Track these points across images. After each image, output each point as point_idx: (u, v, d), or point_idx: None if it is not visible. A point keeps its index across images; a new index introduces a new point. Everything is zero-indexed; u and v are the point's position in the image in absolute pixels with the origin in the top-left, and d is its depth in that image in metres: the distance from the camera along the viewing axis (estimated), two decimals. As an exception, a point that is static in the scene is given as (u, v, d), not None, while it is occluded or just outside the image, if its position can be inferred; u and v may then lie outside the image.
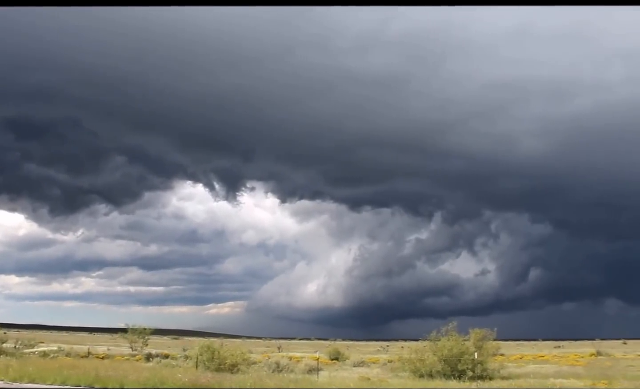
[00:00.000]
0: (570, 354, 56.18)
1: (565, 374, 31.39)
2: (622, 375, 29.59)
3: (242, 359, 32.39)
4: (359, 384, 24.42)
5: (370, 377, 29.58)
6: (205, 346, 32.75)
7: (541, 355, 55.34)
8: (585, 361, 44.63)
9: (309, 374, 31.32)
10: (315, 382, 25.54)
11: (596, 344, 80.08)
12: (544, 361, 46.01)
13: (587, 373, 31.47)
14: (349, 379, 27.26)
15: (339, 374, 32.64)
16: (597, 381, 26.11)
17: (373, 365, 41.68)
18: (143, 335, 54.35)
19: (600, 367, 37.42)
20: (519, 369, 36.11)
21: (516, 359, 47.08)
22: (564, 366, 39.82)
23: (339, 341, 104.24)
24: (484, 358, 30.46)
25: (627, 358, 46.74)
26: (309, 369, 34.26)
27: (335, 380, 26.88)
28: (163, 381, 23.64)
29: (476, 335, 32.30)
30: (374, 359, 47.26)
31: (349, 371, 36.15)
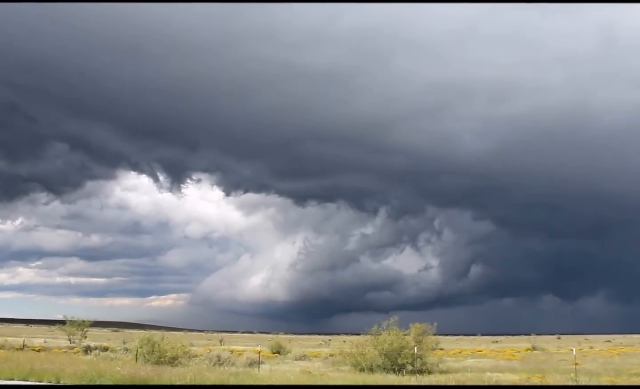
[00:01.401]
0: (507, 348, 57.52)
1: (501, 368, 32.12)
2: (555, 369, 30.50)
3: (183, 353, 32.05)
4: (299, 378, 24.46)
5: (311, 370, 29.66)
6: (145, 338, 32.27)
7: (479, 350, 56.50)
8: (521, 356, 45.79)
9: (250, 368, 31.20)
10: (256, 375, 25.46)
11: (532, 339, 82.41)
12: (482, 356, 46.97)
13: (523, 367, 32.31)
14: (290, 373, 27.28)
15: (280, 368, 32.63)
16: (531, 375, 26.80)
17: (314, 359, 41.80)
18: (82, 327, 53.32)
19: (535, 361, 38.47)
20: (457, 363, 36.80)
21: (455, 354, 47.95)
22: (501, 360, 40.75)
23: (282, 335, 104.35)
24: (424, 352, 30.92)
25: (561, 353, 48.19)
26: (250, 362, 34.14)
27: (276, 373, 26.86)
28: (101, 374, 23.22)
29: (416, 330, 32.70)
30: (316, 353, 47.42)
31: (290, 365, 36.18)
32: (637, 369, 28.87)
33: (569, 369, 29.61)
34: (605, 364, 34.67)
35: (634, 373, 27.54)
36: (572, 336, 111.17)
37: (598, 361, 37.73)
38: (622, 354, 46.74)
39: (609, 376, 26.38)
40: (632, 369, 29.23)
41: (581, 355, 43.09)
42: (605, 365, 34.02)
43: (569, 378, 25.81)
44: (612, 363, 36.69)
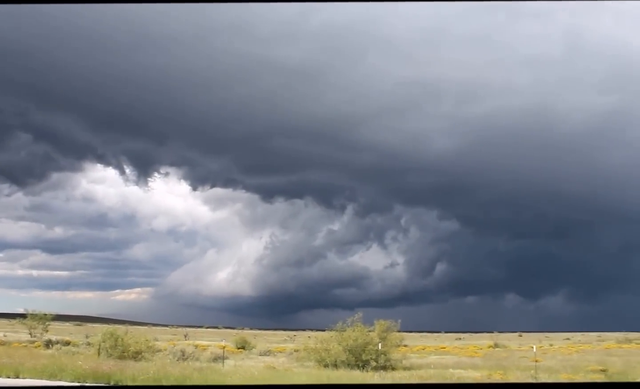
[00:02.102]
0: (470, 346, 58.27)
1: (464, 365, 32.57)
2: (515, 366, 31.06)
3: (147, 347, 31.87)
4: (264, 373, 24.51)
5: (276, 366, 29.75)
6: (108, 333, 31.99)
7: (442, 347, 57.17)
8: (483, 353, 46.49)
9: (215, 363, 31.14)
10: (220, 370, 25.44)
11: (494, 336, 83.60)
12: (445, 353, 47.59)
13: (485, 364, 32.82)
14: (254, 368, 27.31)
15: (245, 363, 32.63)
16: (493, 372, 27.23)
17: (279, 354, 41.89)
18: (43, 321, 52.43)
19: (496, 358, 39.09)
20: (420, 359, 37.21)
21: (419, 350, 48.47)
22: (464, 357, 41.33)
23: (247, 330, 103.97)
24: (388, 349, 31.19)
25: (522, 350, 49.04)
26: (214, 357, 34.08)
27: (241, 369, 26.86)
28: (62, 368, 22.96)
29: (381, 326, 32.98)
30: (281, 348, 47.50)
31: (255, 360, 36.21)
32: (593, 366, 29.54)
33: (529, 366, 30.17)
34: (564, 362, 35.40)
35: (591, 370, 28.19)
36: (534, 333, 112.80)
37: (557, 359, 38.50)
38: (580, 352, 47.72)
39: (567, 373, 26.96)
40: (588, 366, 29.90)
41: (541, 352, 43.90)
42: (563, 362, 34.74)
43: (529, 375, 26.31)
44: (571, 360, 37.48)
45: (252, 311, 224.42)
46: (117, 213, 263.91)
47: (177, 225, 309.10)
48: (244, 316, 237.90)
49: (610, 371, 27.52)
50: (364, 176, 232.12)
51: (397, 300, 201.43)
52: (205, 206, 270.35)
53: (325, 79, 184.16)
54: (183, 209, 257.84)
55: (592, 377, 26.11)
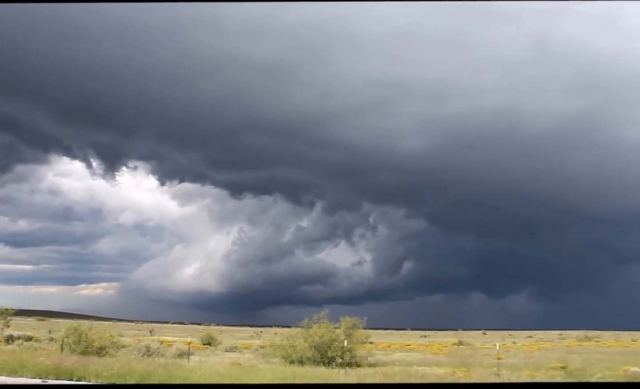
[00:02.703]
0: (435, 343, 58.85)
1: (428, 362, 32.94)
2: (479, 363, 31.48)
3: (111, 343, 31.60)
4: (229, 369, 24.47)
5: (242, 362, 29.72)
6: (72, 328, 31.63)
7: (408, 344, 57.62)
8: (447, 350, 47.03)
9: (180, 359, 31.02)
10: (185, 367, 25.34)
11: (459, 334, 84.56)
12: (410, 350, 47.98)
13: (449, 361, 33.21)
14: (219, 364, 27.25)
15: (210, 359, 32.55)
16: (456, 369, 27.55)
17: (245, 351, 41.84)
18: (4, 316, 51.52)
19: (460, 356, 39.60)
20: (386, 356, 37.51)
21: (384, 348, 48.80)
22: (429, 354, 41.76)
23: (213, 326, 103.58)
24: (353, 346, 31.38)
25: (485, 347, 49.73)
26: (180, 353, 33.93)
27: (206, 365, 26.80)
28: (23, 364, 22.64)
29: (347, 323, 33.17)
30: (247, 344, 47.42)
31: (220, 356, 36.12)
32: (554, 364, 30.08)
33: (492, 363, 30.62)
34: (526, 359, 36.02)
35: (552, 367, 28.71)
36: (497, 331, 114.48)
37: (520, 356, 39.16)
38: (542, 349, 48.61)
39: (529, 370, 27.41)
40: (550, 364, 30.43)
41: (504, 350, 44.60)
42: (526, 360, 35.34)
43: (491, 372, 26.70)
44: (533, 357, 38.15)
45: (219, 307, 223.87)
46: (84, 206, 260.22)
47: (145, 219, 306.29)
48: (211, 312, 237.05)
49: (569, 368, 28.07)
50: (333, 173, 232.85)
51: (363, 297, 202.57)
52: (173, 202, 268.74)
53: (295, 77, 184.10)
54: (151, 204, 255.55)
55: (553, 374, 26.60)
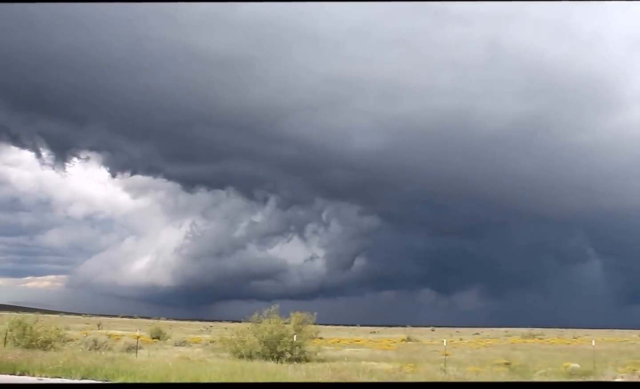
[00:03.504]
0: (384, 339, 59.54)
1: (377, 357, 33.32)
2: (426, 359, 32.03)
3: (57, 336, 31.05)
4: (177, 364, 24.31)
5: (191, 357, 29.57)
6: (16, 321, 30.93)
7: (357, 340, 58.18)
8: (396, 346, 47.66)
9: (128, 353, 30.68)
10: (133, 361, 25.06)
11: (408, 330, 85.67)
12: (359, 345, 48.44)
13: (397, 357, 33.69)
14: (168, 359, 27.07)
15: (159, 353, 32.30)
16: (404, 364, 27.94)
17: (195, 345, 41.64)
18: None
19: (408, 351, 40.19)
20: (335, 352, 37.79)
21: (334, 343, 49.16)
22: (377, 350, 42.24)
23: (163, 320, 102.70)
24: (303, 341, 31.53)
25: (433, 344, 50.56)
26: (128, 347, 33.55)
27: (154, 359, 26.57)
28: (-36, 358, 22.11)
29: (297, 319, 33.29)
30: (197, 339, 47.21)
31: (169, 351, 35.88)
32: (499, 360, 30.82)
33: (439, 359, 31.17)
34: (472, 355, 36.80)
35: (496, 364, 29.39)
36: (446, 328, 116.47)
37: (466, 352, 39.96)
38: (488, 346, 49.67)
39: (475, 366, 27.98)
40: (495, 360, 31.16)
41: (451, 346, 45.40)
42: (472, 356, 36.11)
43: (438, 368, 27.16)
44: (479, 354, 38.97)
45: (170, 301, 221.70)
46: (32, 197, 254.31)
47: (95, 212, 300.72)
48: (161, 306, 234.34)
49: (513, 364, 28.79)
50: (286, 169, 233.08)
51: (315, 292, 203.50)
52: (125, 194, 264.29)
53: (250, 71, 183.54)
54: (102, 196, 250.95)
55: (497, 370, 27.21)
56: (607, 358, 33.36)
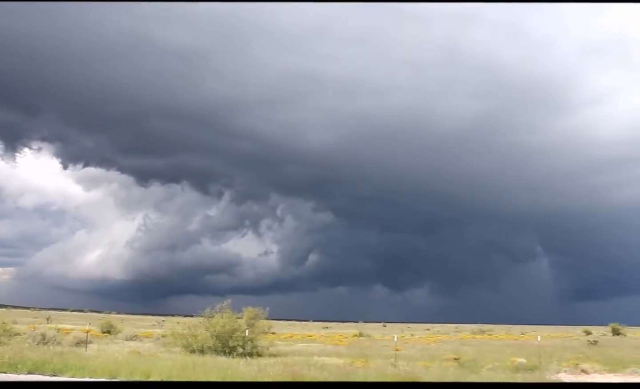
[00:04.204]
0: (336, 334, 59.91)
1: (329, 352, 33.58)
2: (377, 354, 32.41)
3: (3, 330, 30.46)
4: (127, 358, 24.09)
5: (141, 351, 29.33)
6: (-40, 314, 30.24)
7: (310, 335, 58.41)
8: (348, 341, 48.05)
9: (77, 347, 30.25)
10: (82, 355, 24.75)
11: (360, 326, 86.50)
12: (311, 341, 48.69)
13: (348, 352, 33.98)
14: (118, 353, 26.79)
15: (109, 348, 31.93)
16: (355, 359, 28.23)
17: (146, 339, 41.28)
18: None
19: (360, 347, 40.59)
20: (287, 347, 37.96)
21: (286, 338, 49.33)
22: (329, 345, 42.55)
23: (114, 314, 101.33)
24: (255, 336, 31.57)
25: (385, 339, 51.19)
26: (77, 341, 33.07)
27: (104, 353, 26.28)
28: None
29: (249, 313, 33.31)
30: (148, 333, 46.78)
31: (120, 345, 35.47)
32: (449, 355, 31.40)
33: (390, 354, 31.56)
34: (422, 351, 37.38)
35: (446, 359, 29.94)
36: (397, 324, 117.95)
37: (417, 348, 40.55)
38: (438, 342, 50.50)
39: (425, 361, 28.44)
40: (444, 355, 31.76)
41: (402, 342, 46.05)
42: (422, 351, 36.67)
43: (389, 363, 27.51)
44: (429, 349, 39.61)
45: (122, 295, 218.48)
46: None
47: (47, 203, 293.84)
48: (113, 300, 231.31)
49: (462, 360, 29.37)
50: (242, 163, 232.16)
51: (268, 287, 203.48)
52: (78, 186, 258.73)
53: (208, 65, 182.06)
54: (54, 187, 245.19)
55: (446, 365, 27.70)
56: (552, 353, 34.32)
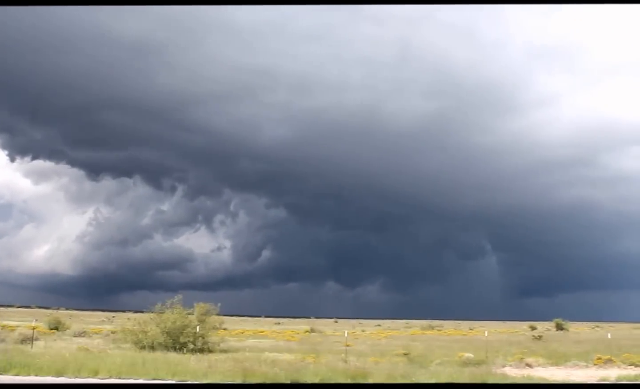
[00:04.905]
0: (287, 330, 60.09)
1: (280, 348, 33.70)
2: (328, 350, 32.67)
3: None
4: (75, 355, 23.77)
5: (90, 348, 28.92)
6: None
7: (261, 331, 58.45)
8: (299, 337, 48.26)
9: (23, 345, 29.67)
10: (28, 352, 24.31)
11: (311, 322, 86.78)
12: (263, 336, 48.75)
13: (299, 348, 34.16)
14: (65, 350, 26.39)
15: (56, 345, 31.39)
16: (306, 355, 28.41)
17: (95, 336, 40.70)
18: None
19: (311, 343, 40.83)
20: (239, 343, 37.92)
21: (238, 334, 49.22)
22: (281, 341, 42.70)
23: (63, 311, 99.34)
24: (206, 332, 31.47)
25: (336, 335, 51.54)
26: (23, 338, 32.40)
27: (51, 350, 25.87)
28: None
29: (200, 309, 33.13)
30: (97, 329, 46.14)
31: (67, 342, 34.91)
32: (398, 351, 31.85)
33: (341, 350, 31.86)
34: (373, 346, 37.85)
35: (396, 354, 30.38)
36: (349, 320, 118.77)
37: (367, 343, 41.01)
38: (389, 337, 51.16)
39: (375, 357, 28.80)
40: (394, 351, 32.20)
41: (353, 338, 46.48)
42: (372, 347, 37.12)
43: (339, 358, 27.78)
44: (379, 345, 40.09)
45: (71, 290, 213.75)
46: None
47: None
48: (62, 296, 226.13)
49: (412, 355, 29.86)
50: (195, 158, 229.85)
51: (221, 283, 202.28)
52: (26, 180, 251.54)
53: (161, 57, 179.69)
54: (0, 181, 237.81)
55: (396, 360, 28.08)
56: (499, 348, 35.18)
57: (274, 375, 20.82)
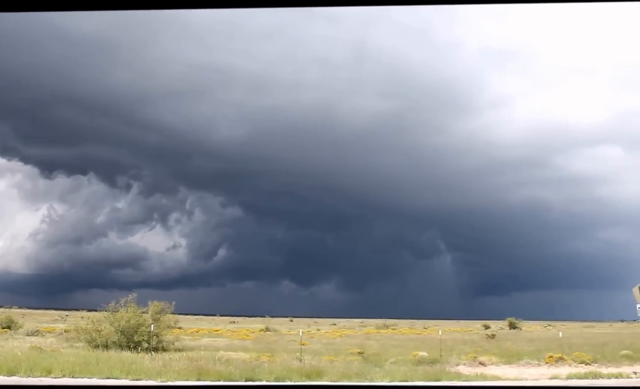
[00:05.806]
0: (242, 329, 60.06)
1: (235, 347, 33.78)
2: (283, 349, 32.90)
3: None
4: (28, 354, 23.52)
5: (43, 346, 28.57)
6: None
7: (216, 329, 58.29)
8: (254, 336, 48.34)
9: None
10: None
11: (266, 321, 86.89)
12: (218, 335, 48.69)
13: (254, 347, 34.31)
14: (18, 349, 26.05)
15: (8, 344, 30.90)
16: (261, 354, 28.60)
17: (48, 334, 40.12)
18: None
19: (266, 341, 41.00)
20: (193, 342, 37.85)
21: (192, 333, 49.03)
22: (236, 340, 42.74)
23: (15, 309, 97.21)
24: (160, 331, 31.39)
25: (291, 334, 51.70)
26: (-28, 338, 31.83)
27: (3, 350, 25.50)
28: None
29: (155, 308, 32.99)
30: (50, 328, 45.45)
31: (20, 341, 34.36)
32: (353, 349, 32.28)
33: (296, 349, 32.11)
34: (328, 345, 38.17)
35: (351, 353, 30.79)
36: (304, 319, 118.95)
37: (322, 342, 41.32)
38: (344, 336, 51.56)
39: (330, 356, 29.16)
40: (349, 349, 32.62)
41: (308, 336, 46.76)
42: (327, 346, 37.45)
43: (294, 357, 28.06)
44: (334, 343, 40.46)
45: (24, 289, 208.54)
46: None
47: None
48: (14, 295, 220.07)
49: (366, 354, 30.32)
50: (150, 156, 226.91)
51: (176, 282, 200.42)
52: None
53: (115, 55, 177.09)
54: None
55: (351, 358, 28.48)
56: (453, 346, 35.92)
57: (228, 374, 20.98)
